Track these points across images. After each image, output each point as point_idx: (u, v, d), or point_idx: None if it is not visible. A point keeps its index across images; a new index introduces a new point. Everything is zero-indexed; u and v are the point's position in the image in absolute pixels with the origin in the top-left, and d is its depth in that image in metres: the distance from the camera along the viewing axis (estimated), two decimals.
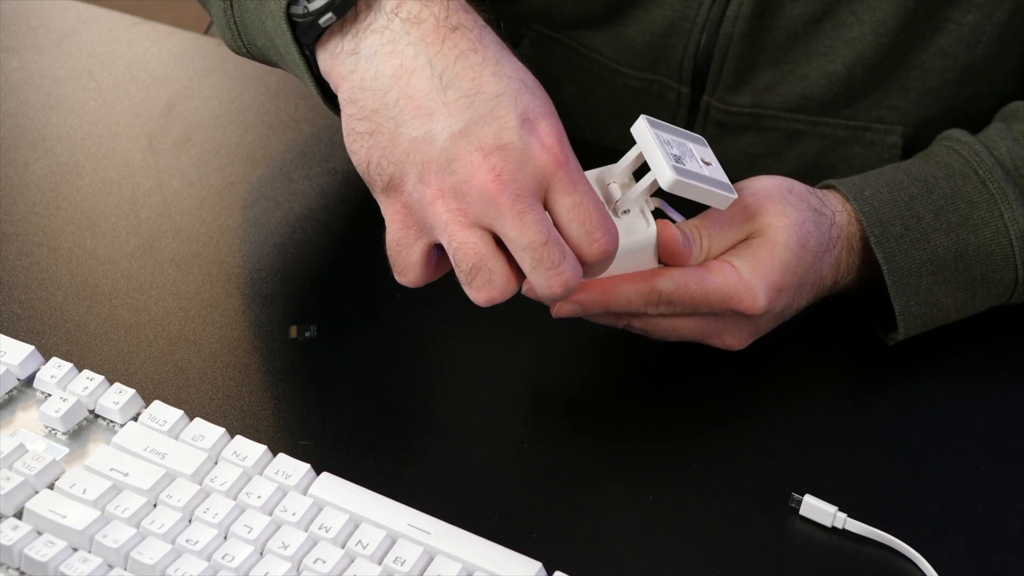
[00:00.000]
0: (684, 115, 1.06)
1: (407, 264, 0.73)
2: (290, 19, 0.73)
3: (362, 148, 0.72)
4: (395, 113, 0.70)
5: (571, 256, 0.69)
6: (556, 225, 0.69)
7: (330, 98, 0.76)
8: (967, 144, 0.87)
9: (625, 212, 0.74)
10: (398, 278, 0.74)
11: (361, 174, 0.73)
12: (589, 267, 0.70)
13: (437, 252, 0.73)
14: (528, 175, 0.68)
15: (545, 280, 0.68)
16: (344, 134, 0.73)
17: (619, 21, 1.05)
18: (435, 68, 0.70)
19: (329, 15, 0.71)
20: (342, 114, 0.73)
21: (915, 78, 1.01)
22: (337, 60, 0.73)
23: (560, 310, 0.75)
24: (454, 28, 0.71)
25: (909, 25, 0.98)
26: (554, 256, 0.68)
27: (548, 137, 0.69)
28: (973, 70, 1.00)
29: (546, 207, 0.69)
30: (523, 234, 0.68)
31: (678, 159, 0.73)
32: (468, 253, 0.69)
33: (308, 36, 0.73)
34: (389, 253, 0.73)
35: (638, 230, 0.74)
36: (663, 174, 0.72)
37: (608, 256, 0.70)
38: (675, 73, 1.04)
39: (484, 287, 0.69)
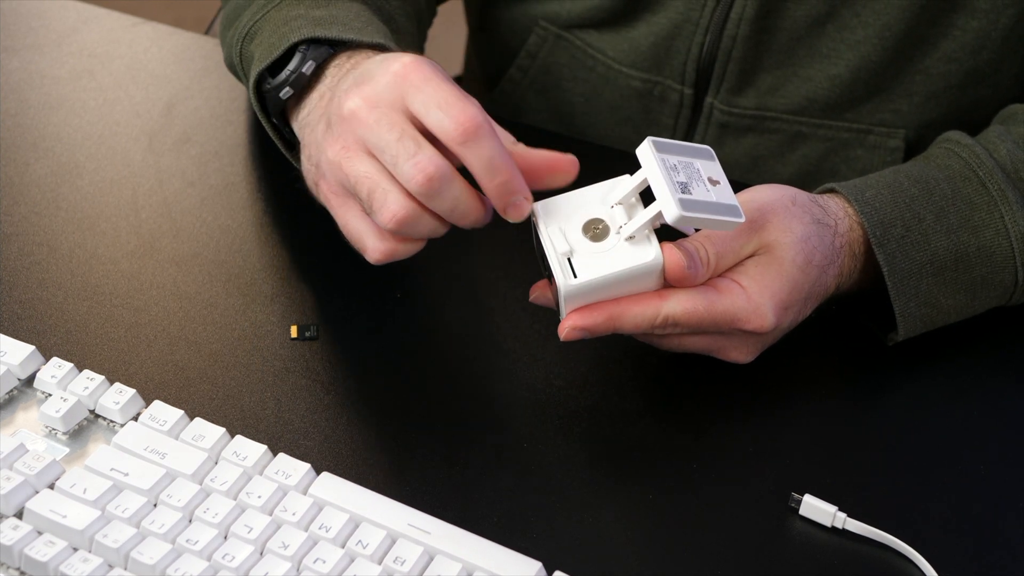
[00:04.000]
0: (687, 116, 1.06)
1: (358, 235, 0.75)
2: (260, 92, 0.83)
3: (307, 175, 0.79)
4: (312, 122, 0.79)
5: (428, 147, 0.71)
6: (423, 124, 0.72)
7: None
8: (967, 146, 0.87)
9: (630, 237, 0.74)
10: (367, 257, 0.76)
11: (318, 198, 0.79)
12: (464, 148, 0.71)
13: None
14: (382, 90, 0.73)
15: (407, 172, 0.70)
16: None
17: (625, 23, 1.05)
18: (336, 80, 0.79)
19: (287, 88, 0.81)
20: None
21: (919, 82, 1.01)
22: (299, 124, 0.82)
23: (569, 334, 0.75)
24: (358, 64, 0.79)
25: (914, 30, 0.98)
26: (408, 147, 0.70)
27: (403, 59, 0.73)
28: (977, 75, 1.00)
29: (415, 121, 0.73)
30: (380, 136, 0.71)
31: (684, 187, 0.72)
32: (362, 181, 0.72)
33: (274, 107, 0.82)
34: (349, 241, 0.76)
35: (643, 256, 0.73)
36: (669, 209, 0.71)
37: (474, 129, 0.70)
38: (678, 75, 1.04)
39: (384, 206, 0.71)
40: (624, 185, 0.75)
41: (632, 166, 0.74)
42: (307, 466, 0.73)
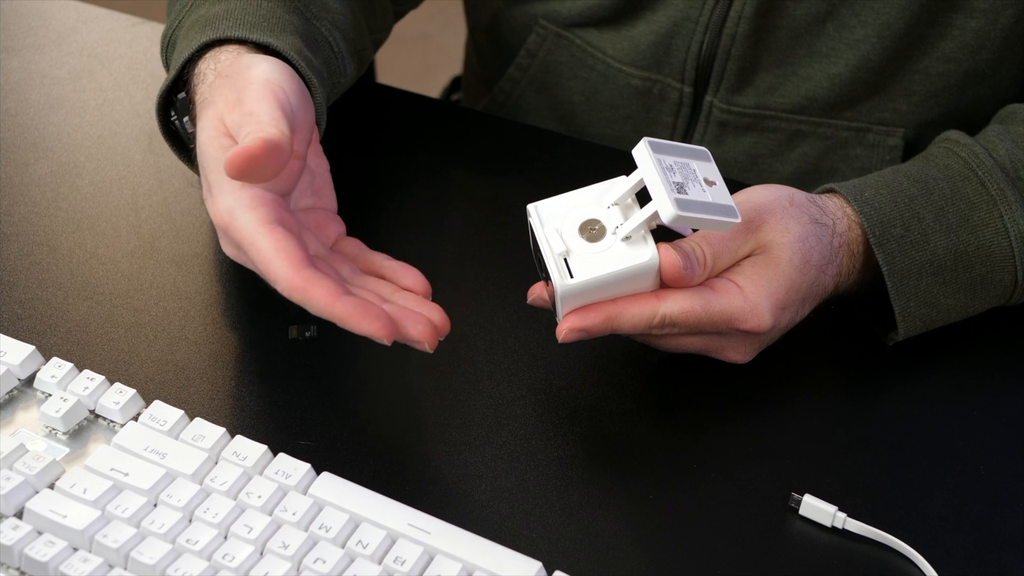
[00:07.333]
0: (686, 115, 1.06)
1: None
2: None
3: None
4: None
5: (276, 273, 0.69)
6: None
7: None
8: (966, 146, 0.87)
9: (627, 238, 0.74)
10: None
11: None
12: (300, 304, 0.70)
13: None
14: (221, 235, 0.74)
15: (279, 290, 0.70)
16: None
17: (625, 22, 1.05)
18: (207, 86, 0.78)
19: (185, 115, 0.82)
20: None
21: (918, 82, 1.01)
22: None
23: (567, 336, 0.75)
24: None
25: (913, 29, 0.98)
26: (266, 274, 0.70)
27: (216, 206, 0.72)
28: (976, 75, 1.00)
29: None
30: (246, 264, 0.73)
31: (680, 187, 0.72)
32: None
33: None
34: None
35: (639, 256, 0.74)
36: (664, 208, 0.71)
37: (295, 292, 0.69)
38: (678, 73, 1.04)
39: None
40: (620, 186, 0.75)
41: (631, 166, 0.74)
42: (307, 466, 0.73)
